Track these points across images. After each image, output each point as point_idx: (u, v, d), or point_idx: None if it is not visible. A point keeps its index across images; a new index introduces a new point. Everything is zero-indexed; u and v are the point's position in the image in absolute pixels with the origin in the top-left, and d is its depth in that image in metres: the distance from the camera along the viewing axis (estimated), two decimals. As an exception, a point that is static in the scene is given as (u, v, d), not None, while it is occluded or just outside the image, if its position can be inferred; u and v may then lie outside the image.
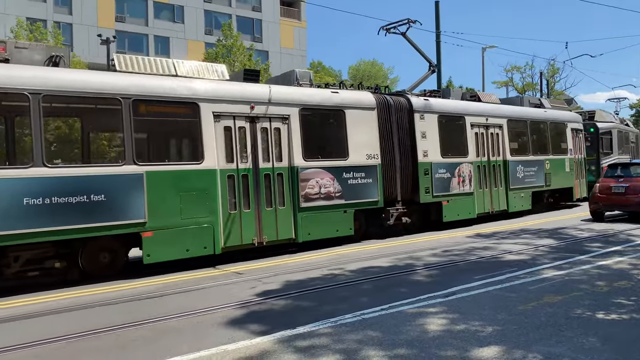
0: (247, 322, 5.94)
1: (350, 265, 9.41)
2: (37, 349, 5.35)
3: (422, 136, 13.71)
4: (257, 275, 8.80)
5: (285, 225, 11.07)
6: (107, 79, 9.18)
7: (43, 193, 8.04)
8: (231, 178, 10.33)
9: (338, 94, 12.39)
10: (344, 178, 12.03)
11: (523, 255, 9.66)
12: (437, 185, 13.91)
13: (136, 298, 7.59)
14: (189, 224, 9.73)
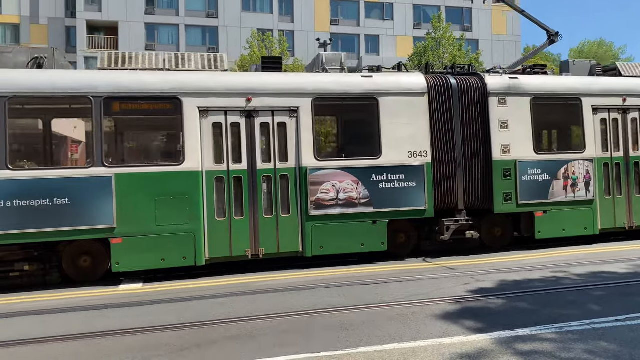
0: (462, 318, 5.89)
1: (576, 268, 8.67)
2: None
3: (501, 126, 10.66)
4: (470, 272, 8.66)
5: (289, 236, 9.50)
6: (76, 78, 8.91)
7: (7, 196, 8.04)
8: (220, 181, 9.16)
9: (370, 79, 10.23)
10: (374, 181, 9.87)
11: None
12: (526, 190, 10.65)
13: (356, 283, 8.04)
14: (165, 232, 8.82)
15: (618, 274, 8.13)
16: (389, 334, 5.34)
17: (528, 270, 8.64)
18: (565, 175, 10.90)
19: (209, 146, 9.12)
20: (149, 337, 5.69)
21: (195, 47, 39.43)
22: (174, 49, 39.36)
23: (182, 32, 41.79)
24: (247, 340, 5.42)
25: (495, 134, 10.56)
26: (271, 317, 6.19)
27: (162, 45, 40.52)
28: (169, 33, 41.98)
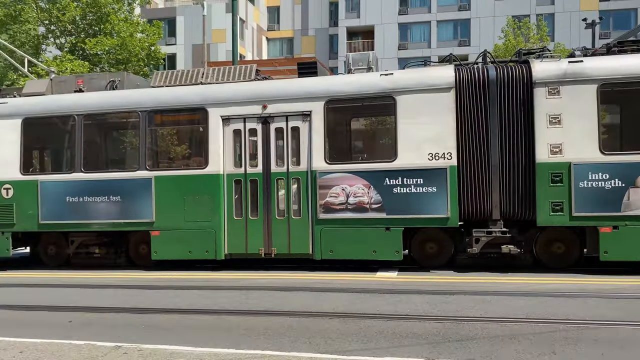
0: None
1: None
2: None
3: (551, 121, 8.93)
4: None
5: (299, 238, 9.67)
6: (129, 96, 10.59)
7: (74, 192, 10.52)
8: (238, 183, 9.99)
9: (389, 77, 9.57)
10: (387, 185, 9.34)
11: None
12: (586, 199, 8.69)
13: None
14: (192, 227, 9.97)
15: None
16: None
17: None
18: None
19: (229, 151, 10.00)
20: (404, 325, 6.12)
21: (447, 42, 41.27)
22: (425, 47, 42.11)
23: (433, 29, 43.34)
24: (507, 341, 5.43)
25: (542, 130, 8.91)
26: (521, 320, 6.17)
27: (414, 43, 43.35)
28: (420, 31, 43.86)
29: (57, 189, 10.83)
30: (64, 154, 11.62)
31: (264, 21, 48.12)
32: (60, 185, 10.83)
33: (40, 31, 31.91)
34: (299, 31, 47.03)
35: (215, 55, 39.45)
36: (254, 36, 46.23)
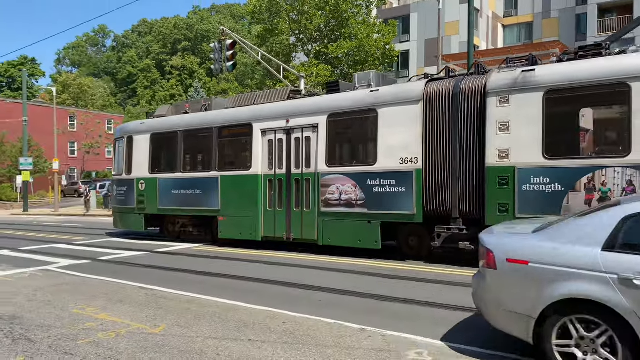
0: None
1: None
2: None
3: (500, 128, 9.62)
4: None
5: (309, 227, 12.25)
6: (207, 116, 14.64)
7: (176, 187, 14.96)
8: (270, 182, 13.08)
9: (374, 93, 11.36)
10: (369, 185, 11.19)
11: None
12: (529, 201, 9.22)
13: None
14: (241, 215, 13.43)
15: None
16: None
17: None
18: (590, 186, 8.81)
19: (266, 156, 13.18)
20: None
21: None
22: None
23: None
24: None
25: (492, 137, 9.69)
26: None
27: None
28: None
29: (167, 184, 15.28)
30: (172, 159, 15.48)
31: (499, 7, 45.70)
32: (169, 182, 15.23)
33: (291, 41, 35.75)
34: (539, 14, 43.07)
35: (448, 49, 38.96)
36: (488, 25, 44.34)
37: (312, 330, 6.00)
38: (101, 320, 6.57)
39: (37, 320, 6.63)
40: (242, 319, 6.51)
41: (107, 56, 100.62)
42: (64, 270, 10.67)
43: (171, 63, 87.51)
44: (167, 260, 12.01)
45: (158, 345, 5.52)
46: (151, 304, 7.47)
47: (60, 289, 8.72)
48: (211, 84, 79.25)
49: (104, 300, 7.80)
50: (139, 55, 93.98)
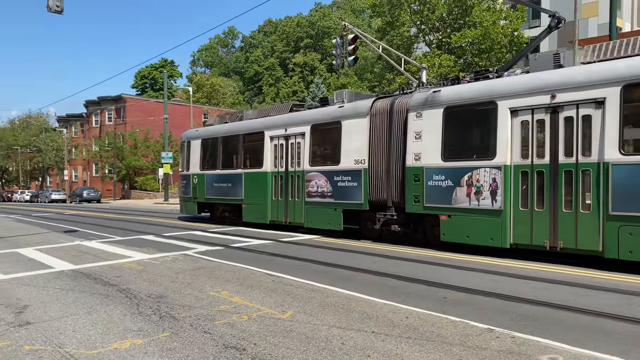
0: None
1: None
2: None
3: (415, 137, 12.27)
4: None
5: (299, 213, 15.53)
6: (235, 125, 18.98)
7: (216, 181, 19.40)
8: (275, 177, 16.52)
9: (340, 108, 14.48)
10: (335, 180, 14.30)
11: None
12: (432, 194, 11.84)
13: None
14: (257, 203, 17.13)
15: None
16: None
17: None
18: (469, 182, 11.06)
19: (272, 157, 16.89)
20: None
21: None
22: None
23: None
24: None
25: (410, 144, 12.34)
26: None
27: None
28: None
29: (211, 178, 19.67)
30: (214, 159, 19.77)
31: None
32: (212, 176, 19.60)
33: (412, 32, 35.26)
34: None
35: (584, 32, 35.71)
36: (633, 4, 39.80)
37: (436, 327, 5.90)
38: (234, 303, 7.05)
39: (179, 300, 7.30)
40: (365, 311, 6.59)
41: (236, 56, 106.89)
42: (200, 255, 11.61)
43: (294, 60, 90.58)
44: (292, 250, 12.53)
45: (286, 330, 5.79)
46: (279, 291, 7.85)
47: (198, 272, 9.51)
48: (331, 79, 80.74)
49: (236, 284, 8.36)
50: (264, 54, 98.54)
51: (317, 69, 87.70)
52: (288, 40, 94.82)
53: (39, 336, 5.72)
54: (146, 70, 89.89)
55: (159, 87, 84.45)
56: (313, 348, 5.18)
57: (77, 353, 5.14)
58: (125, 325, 6.07)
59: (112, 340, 5.52)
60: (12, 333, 5.87)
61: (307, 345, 5.26)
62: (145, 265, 10.44)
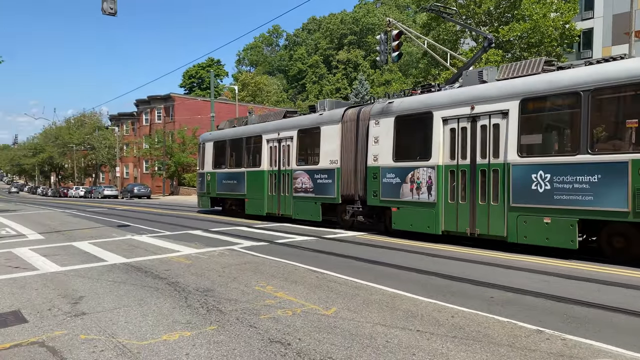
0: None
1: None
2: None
3: (374, 141, 14.36)
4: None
5: (288, 206, 18.01)
6: (240, 129, 21.55)
7: (225, 178, 22.00)
8: (272, 176, 18.88)
9: (320, 115, 16.95)
10: (315, 178, 16.83)
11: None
12: (386, 189, 13.99)
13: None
14: (256, 198, 19.65)
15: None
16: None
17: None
18: (412, 179, 13.23)
19: (267, 157, 19.24)
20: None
21: None
22: None
23: None
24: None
25: (370, 147, 14.48)
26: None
27: None
28: None
29: (221, 176, 22.49)
30: (223, 158, 22.52)
31: None
32: (222, 174, 22.40)
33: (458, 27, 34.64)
34: None
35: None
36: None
37: (482, 327, 5.79)
38: (279, 299, 7.14)
39: (225, 294, 7.45)
40: (409, 309, 6.54)
41: (280, 54, 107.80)
42: (246, 251, 11.81)
43: (337, 57, 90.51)
44: (334, 246, 12.56)
45: (330, 326, 5.82)
46: (322, 287, 7.89)
47: (244, 267, 9.68)
48: (375, 75, 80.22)
49: (281, 280, 8.46)
50: (308, 51, 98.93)
51: (361, 65, 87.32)
52: (332, 37, 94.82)
53: (93, 326, 5.97)
54: (194, 69, 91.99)
55: (205, 86, 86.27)
56: (357, 345, 5.19)
57: (129, 343, 5.33)
58: (174, 318, 6.25)
59: (162, 332, 5.70)
60: (69, 322, 6.15)
61: (351, 342, 5.27)
62: (193, 259, 10.71)
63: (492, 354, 4.90)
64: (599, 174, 9.70)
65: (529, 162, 10.81)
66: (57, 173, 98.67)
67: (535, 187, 10.66)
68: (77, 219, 22.83)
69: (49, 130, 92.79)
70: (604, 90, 9.81)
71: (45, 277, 8.99)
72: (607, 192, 9.55)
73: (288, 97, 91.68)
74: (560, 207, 10.26)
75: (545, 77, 10.93)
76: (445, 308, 6.61)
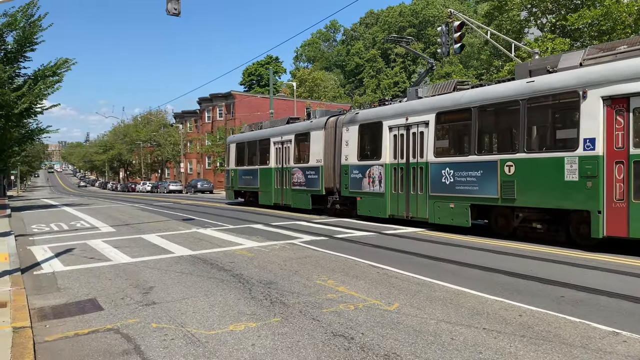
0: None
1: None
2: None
3: (345, 144, 18.19)
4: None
5: (288, 197, 22.16)
6: (257, 133, 25.86)
7: (244, 174, 27.09)
8: (278, 172, 22.97)
9: (310, 123, 20.91)
10: (306, 174, 20.72)
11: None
12: (353, 183, 17.67)
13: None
14: (267, 191, 23.76)
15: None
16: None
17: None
18: (369, 174, 16.87)
19: (274, 157, 23.42)
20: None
21: None
22: None
23: None
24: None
25: (342, 149, 18.43)
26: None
27: None
28: None
29: (241, 172, 26.93)
30: (242, 157, 26.95)
31: None
32: (242, 171, 26.88)
33: (522, 16, 33.31)
34: None
35: None
36: None
37: (553, 326, 5.57)
38: (341, 293, 7.17)
39: (288, 287, 7.57)
40: (474, 307, 6.39)
41: (337, 50, 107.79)
42: (306, 245, 11.94)
43: (395, 51, 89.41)
44: (395, 242, 12.46)
45: (393, 322, 5.79)
46: (384, 282, 7.85)
47: (305, 261, 9.79)
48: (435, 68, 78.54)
49: (341, 274, 8.49)
50: (366, 46, 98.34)
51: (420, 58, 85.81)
52: (390, 30, 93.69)
53: (163, 315, 6.23)
54: (253, 67, 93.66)
55: (264, 83, 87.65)
56: (421, 341, 5.13)
57: (197, 333, 5.53)
58: (240, 309, 6.42)
59: (228, 322, 5.86)
60: (141, 311, 6.45)
61: (415, 338, 5.22)
62: (256, 252, 10.94)
63: (564, 355, 4.70)
64: (482, 170, 12.95)
65: (441, 161, 14.24)
66: (125, 169, 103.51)
67: (444, 181, 14.05)
68: (145, 213, 23.87)
69: (117, 128, 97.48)
70: (485, 107, 13.05)
71: (117, 268, 9.47)
72: (486, 183, 12.80)
73: (345, 92, 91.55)
74: (459, 195, 13.58)
75: (451, 96, 14.21)
76: (512, 306, 6.41)
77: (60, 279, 8.59)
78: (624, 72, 10.08)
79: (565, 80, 11.12)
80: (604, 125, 10.29)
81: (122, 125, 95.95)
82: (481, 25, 23.67)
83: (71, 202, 37.86)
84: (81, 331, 5.70)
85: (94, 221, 19.81)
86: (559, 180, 11.03)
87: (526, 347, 4.92)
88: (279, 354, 4.83)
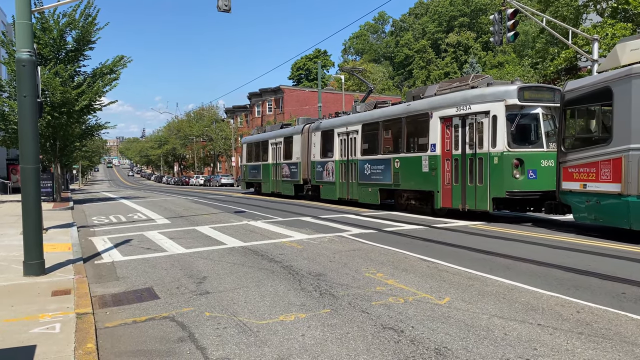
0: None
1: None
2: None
3: (313, 146, 24.48)
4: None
5: (279, 187, 28.32)
6: (262, 135, 32.49)
7: (252, 169, 34.18)
8: (274, 167, 29.18)
9: (294, 128, 27.60)
10: (290, 168, 26.89)
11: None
12: (317, 175, 24.07)
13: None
14: (267, 182, 30.54)
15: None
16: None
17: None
18: (326, 168, 23.17)
19: (271, 155, 30.13)
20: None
21: None
22: None
23: None
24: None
25: (311, 149, 24.70)
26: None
27: None
28: None
29: (251, 167, 33.36)
30: (251, 155, 33.35)
31: None
32: (251, 166, 33.44)
33: (580, 1, 31.85)
34: None
35: None
36: None
37: (613, 324, 5.34)
38: (390, 286, 7.13)
39: (337, 279, 7.60)
40: (529, 302, 6.21)
41: (386, 41, 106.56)
42: (355, 238, 11.94)
43: (446, 41, 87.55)
44: (445, 236, 12.25)
45: (444, 316, 5.71)
46: (434, 276, 7.75)
47: (353, 254, 9.79)
48: (487, 57, 76.54)
49: (390, 267, 8.44)
50: (415, 36, 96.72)
51: (472, 48, 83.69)
52: (440, 20, 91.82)
53: (216, 304, 6.40)
54: (301, 61, 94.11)
55: (312, 77, 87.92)
56: (473, 336, 5.04)
57: (249, 322, 5.65)
58: (290, 300, 6.51)
59: (279, 313, 5.96)
60: (195, 300, 6.65)
61: (466, 333, 5.13)
62: (305, 244, 11.05)
63: (626, 354, 4.50)
64: (384, 165, 18.79)
65: (364, 158, 20.21)
66: (179, 163, 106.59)
67: (366, 172, 19.99)
68: (198, 205, 24.53)
69: (172, 124, 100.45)
70: (385, 121, 19.01)
71: (172, 258, 9.79)
72: (386, 174, 18.60)
73: (394, 84, 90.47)
74: (373, 182, 19.44)
75: (370, 113, 20.29)
76: (569, 302, 6.19)
77: (119, 269, 8.97)
78: (448, 102, 15.54)
79: (423, 105, 16.73)
80: (440, 135, 15.71)
81: (175, 121, 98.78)
82: (536, 12, 22.75)
83: (128, 195, 39.39)
84: (139, 318, 5.94)
85: (150, 213, 20.54)
86: (420, 171, 16.63)
87: (584, 345, 4.75)
88: (329, 345, 4.87)
